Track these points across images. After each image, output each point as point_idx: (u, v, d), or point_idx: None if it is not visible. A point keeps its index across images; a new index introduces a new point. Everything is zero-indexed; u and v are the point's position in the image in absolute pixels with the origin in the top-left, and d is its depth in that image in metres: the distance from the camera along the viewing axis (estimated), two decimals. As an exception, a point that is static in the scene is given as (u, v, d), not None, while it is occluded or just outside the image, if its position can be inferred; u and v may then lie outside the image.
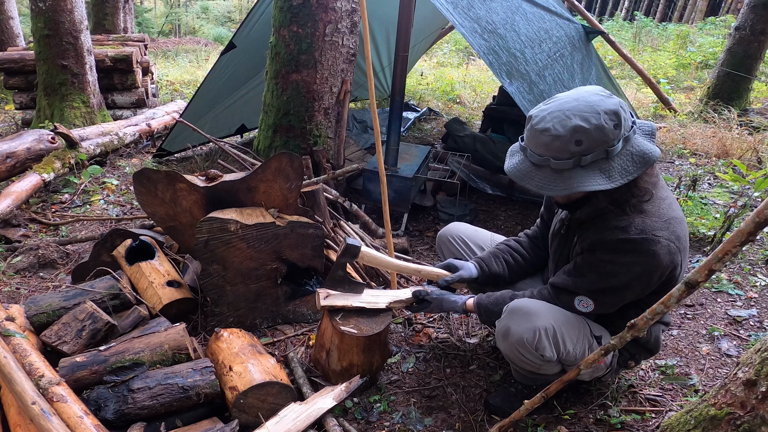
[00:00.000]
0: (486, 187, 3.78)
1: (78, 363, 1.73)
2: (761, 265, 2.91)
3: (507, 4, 3.12)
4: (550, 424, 1.86)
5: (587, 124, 1.42)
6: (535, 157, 1.51)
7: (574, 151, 1.44)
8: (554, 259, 1.85)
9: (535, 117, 1.51)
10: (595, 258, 1.59)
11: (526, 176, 1.54)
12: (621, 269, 1.54)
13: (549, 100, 1.54)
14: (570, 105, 1.46)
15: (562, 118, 1.44)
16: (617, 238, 1.52)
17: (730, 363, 2.17)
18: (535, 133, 1.50)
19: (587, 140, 1.43)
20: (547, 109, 1.50)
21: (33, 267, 2.77)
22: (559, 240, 1.79)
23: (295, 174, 2.30)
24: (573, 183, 1.46)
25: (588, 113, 1.43)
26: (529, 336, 1.64)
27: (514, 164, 1.60)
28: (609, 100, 1.46)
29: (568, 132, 1.43)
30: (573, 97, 1.49)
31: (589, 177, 1.46)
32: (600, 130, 1.42)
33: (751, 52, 5.66)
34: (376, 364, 2.03)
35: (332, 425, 1.77)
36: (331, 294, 1.96)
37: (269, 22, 3.22)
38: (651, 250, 1.49)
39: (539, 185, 1.52)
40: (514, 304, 1.73)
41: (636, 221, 1.51)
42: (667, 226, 1.51)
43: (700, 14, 15.68)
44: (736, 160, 3.47)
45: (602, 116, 1.42)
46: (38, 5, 4.38)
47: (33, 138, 3.71)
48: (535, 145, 1.50)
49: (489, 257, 1.99)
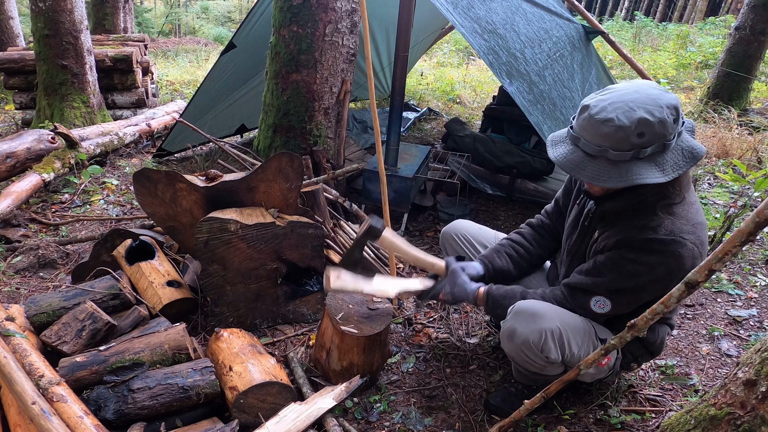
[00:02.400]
0: (486, 187, 3.78)
1: (78, 363, 1.73)
2: (761, 265, 2.91)
3: (507, 4, 3.12)
4: (550, 424, 1.86)
5: (651, 117, 1.40)
6: (590, 147, 1.47)
7: (636, 143, 1.42)
8: (569, 252, 1.81)
9: (594, 107, 1.46)
10: (619, 256, 1.56)
11: (578, 166, 1.50)
12: (644, 270, 1.52)
13: (604, 91, 1.50)
14: (632, 96, 1.43)
15: (626, 109, 1.41)
16: (645, 237, 1.50)
17: (730, 363, 2.17)
18: (594, 122, 1.45)
19: (649, 133, 1.40)
20: (606, 99, 1.46)
21: (33, 267, 2.77)
22: (578, 233, 1.76)
23: (295, 174, 2.30)
24: (630, 175, 1.43)
25: (652, 106, 1.41)
26: (535, 338, 1.63)
27: (563, 154, 1.54)
28: (667, 94, 1.44)
29: (632, 123, 1.40)
30: (633, 89, 1.46)
31: (646, 169, 1.44)
32: (662, 124, 1.40)
33: (751, 52, 5.66)
34: (376, 364, 2.03)
35: (332, 425, 1.77)
36: (342, 276, 1.84)
37: (269, 22, 3.22)
38: (677, 253, 1.47)
39: (592, 176, 1.48)
40: (519, 305, 1.71)
41: (665, 222, 1.50)
42: (694, 230, 1.50)
43: (700, 14, 15.70)
44: (736, 160, 3.46)
45: (665, 110, 1.40)
46: (38, 5, 4.38)
47: (33, 138, 3.70)
48: (593, 135, 1.46)
49: (492, 254, 1.97)
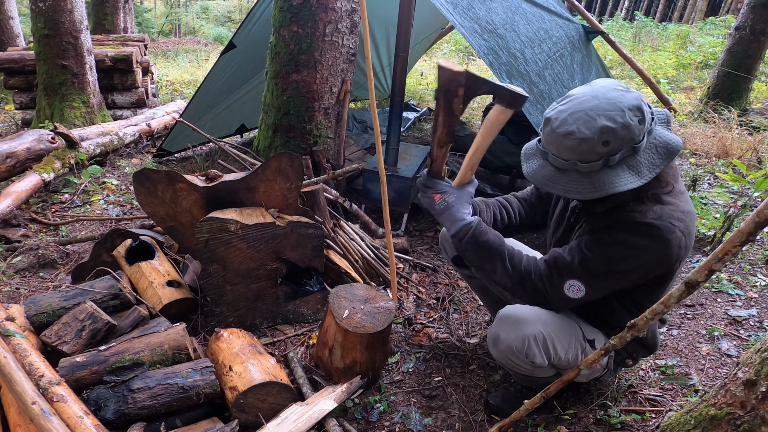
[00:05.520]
0: (486, 187, 3.78)
1: (78, 363, 1.73)
2: (761, 265, 2.91)
3: (507, 4, 3.12)
4: (550, 424, 1.86)
5: (613, 124, 1.34)
6: (559, 162, 1.43)
7: (602, 152, 1.37)
8: (557, 245, 1.73)
9: (555, 119, 1.41)
10: (607, 236, 1.50)
11: (550, 182, 1.46)
12: (630, 252, 1.46)
13: (564, 99, 1.44)
14: (591, 104, 1.37)
15: (586, 119, 1.36)
16: (634, 220, 1.46)
17: (730, 363, 2.17)
18: (557, 137, 1.40)
19: (614, 140, 1.35)
20: (566, 110, 1.40)
21: (33, 267, 2.77)
22: (564, 228, 1.73)
23: (295, 174, 2.30)
24: (603, 184, 1.39)
25: (612, 111, 1.35)
26: (518, 344, 1.63)
27: (534, 169, 1.50)
28: (629, 94, 1.38)
29: (594, 134, 1.35)
30: (591, 95, 1.39)
31: (619, 176, 1.39)
32: (626, 128, 1.35)
33: (751, 52, 5.65)
34: (378, 361, 2.03)
35: (332, 425, 1.77)
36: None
37: (269, 22, 3.22)
38: (666, 238, 1.42)
39: (566, 190, 1.44)
40: (504, 311, 1.69)
41: (655, 208, 1.46)
42: (684, 218, 1.46)
43: (700, 14, 15.71)
44: (736, 160, 3.46)
45: (627, 113, 1.35)
46: (38, 5, 4.38)
47: (33, 138, 3.70)
48: (559, 149, 1.42)
49: (481, 204, 1.88)
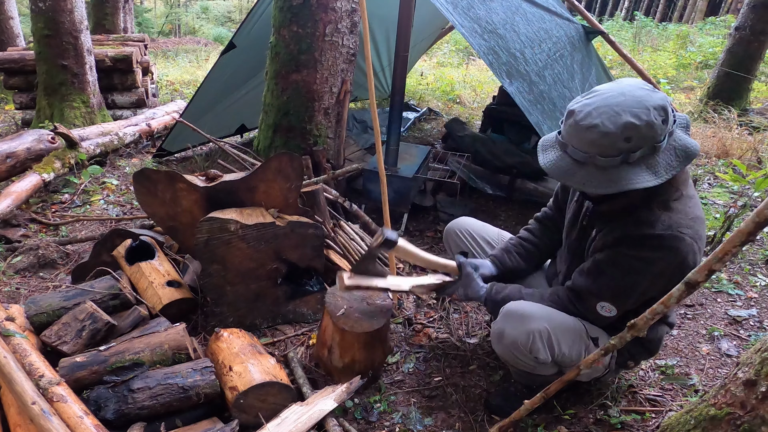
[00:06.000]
0: (486, 187, 3.78)
1: (78, 363, 1.73)
2: (761, 265, 2.91)
3: (507, 4, 3.12)
4: (550, 424, 1.86)
5: (638, 121, 1.35)
6: (578, 154, 1.44)
7: (623, 147, 1.38)
8: (570, 249, 1.80)
9: (579, 112, 1.42)
10: (618, 253, 1.53)
11: (566, 173, 1.47)
12: (643, 266, 1.50)
13: (590, 94, 1.46)
14: (617, 100, 1.38)
15: (611, 114, 1.37)
16: (643, 233, 1.48)
17: (730, 363, 2.17)
18: (579, 129, 1.41)
19: (637, 137, 1.36)
20: (591, 104, 1.41)
21: (33, 267, 2.77)
22: (578, 231, 1.75)
23: (295, 174, 2.30)
24: (620, 180, 1.40)
25: (638, 109, 1.36)
26: (523, 339, 1.64)
27: (551, 160, 1.51)
28: (655, 94, 1.39)
29: (618, 129, 1.36)
30: (618, 91, 1.40)
31: (636, 174, 1.40)
32: (650, 127, 1.36)
33: (751, 52, 5.66)
34: (377, 360, 2.03)
35: (332, 425, 1.77)
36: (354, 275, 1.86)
37: (269, 22, 3.22)
38: (676, 247, 1.45)
39: (582, 183, 1.45)
40: (509, 306, 1.71)
41: (663, 217, 1.47)
42: (692, 224, 1.48)
43: (700, 14, 15.71)
44: (736, 160, 3.46)
45: (652, 112, 1.36)
46: (38, 5, 4.38)
47: (33, 138, 3.70)
48: (580, 141, 1.42)
49: (502, 254, 1.98)
